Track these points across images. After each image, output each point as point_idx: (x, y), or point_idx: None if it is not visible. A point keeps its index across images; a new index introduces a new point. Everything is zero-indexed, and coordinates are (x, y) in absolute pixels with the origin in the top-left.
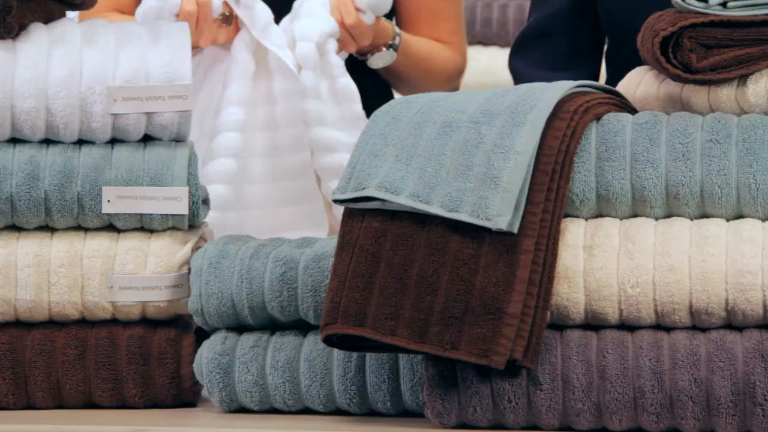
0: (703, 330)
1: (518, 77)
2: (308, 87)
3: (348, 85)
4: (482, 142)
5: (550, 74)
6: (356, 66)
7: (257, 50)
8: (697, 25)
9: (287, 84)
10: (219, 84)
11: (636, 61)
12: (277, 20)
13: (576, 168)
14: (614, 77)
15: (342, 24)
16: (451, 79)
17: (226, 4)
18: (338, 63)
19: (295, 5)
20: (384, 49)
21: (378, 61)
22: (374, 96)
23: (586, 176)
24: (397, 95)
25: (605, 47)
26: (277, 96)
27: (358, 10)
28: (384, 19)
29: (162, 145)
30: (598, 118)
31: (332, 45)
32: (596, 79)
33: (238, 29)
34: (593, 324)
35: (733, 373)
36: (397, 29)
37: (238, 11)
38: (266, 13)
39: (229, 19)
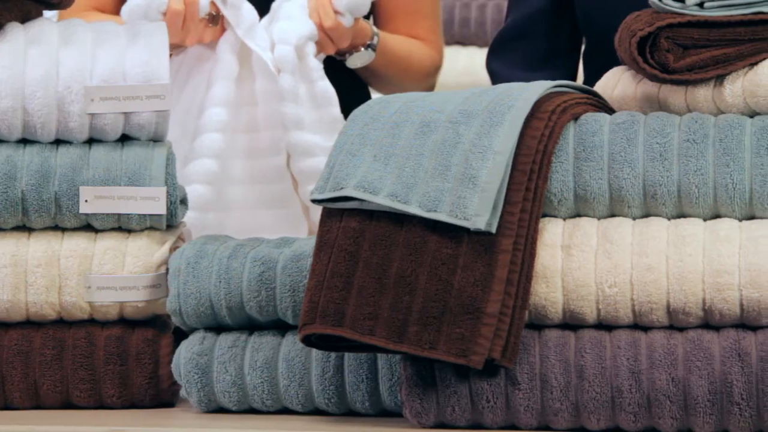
0: (681, 329)
1: (496, 78)
2: (286, 90)
3: (326, 88)
4: (460, 141)
5: (527, 74)
6: (333, 65)
7: (241, 51)
8: (674, 25)
9: (269, 86)
10: (203, 84)
11: (614, 62)
12: None
13: (554, 168)
14: (592, 77)
15: (320, 27)
16: (428, 77)
17: (213, 3)
18: (317, 66)
19: (273, 6)
20: (362, 49)
21: (356, 61)
22: (351, 94)
23: (564, 176)
24: (374, 93)
25: (582, 47)
26: (258, 98)
27: (336, 12)
28: (362, 19)
29: (140, 144)
30: (575, 118)
31: (311, 48)
32: (573, 79)
33: (223, 29)
34: (571, 323)
35: (711, 373)
36: (375, 29)
37: (225, 11)
38: (252, 13)
39: (216, 19)
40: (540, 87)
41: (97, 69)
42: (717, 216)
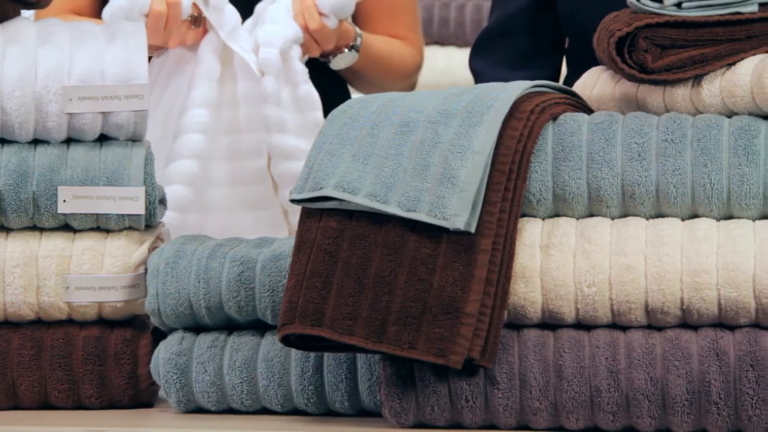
0: (659, 329)
1: (479, 77)
2: (269, 93)
3: (310, 92)
4: (439, 141)
5: (510, 73)
6: (315, 65)
7: (223, 53)
8: (652, 25)
9: (251, 88)
10: (184, 85)
11: (597, 61)
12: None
13: (533, 168)
14: (575, 76)
15: (306, 29)
16: (409, 76)
17: (195, 5)
18: (302, 70)
19: (258, 8)
20: (346, 50)
21: (340, 62)
22: (332, 95)
23: (543, 176)
24: (354, 93)
25: (565, 46)
26: (240, 100)
27: (321, 14)
28: (345, 21)
29: (118, 144)
30: (554, 118)
31: (296, 51)
32: (557, 78)
33: (205, 31)
34: (550, 323)
35: (689, 372)
36: (358, 30)
37: (207, 13)
38: (235, 15)
39: (198, 20)
40: (519, 87)
41: (76, 68)
42: (695, 216)
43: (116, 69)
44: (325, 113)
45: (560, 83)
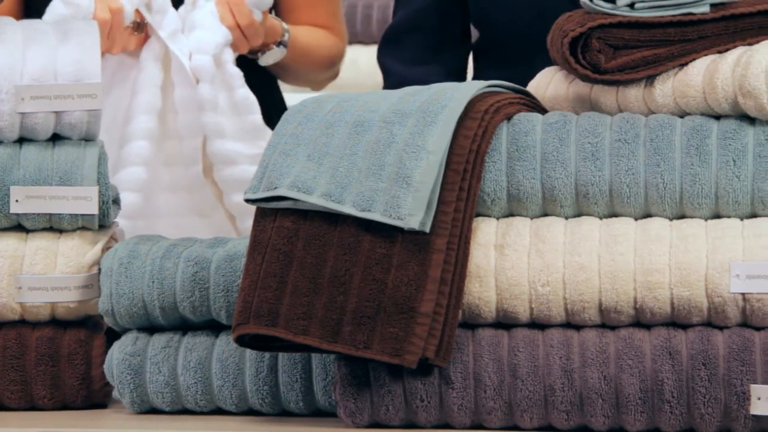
0: (613, 328)
1: (388, 73)
2: (205, 99)
3: (247, 96)
4: (394, 141)
5: (418, 68)
6: (243, 62)
7: (164, 59)
8: (605, 26)
9: (187, 95)
10: (127, 91)
11: (506, 54)
12: None
13: (487, 167)
14: (483, 70)
15: (236, 25)
16: (334, 65)
17: (137, 11)
18: (237, 74)
19: (181, 14)
20: (274, 47)
21: (269, 58)
22: (262, 90)
23: (497, 176)
24: (282, 85)
25: (473, 39)
26: (178, 107)
27: None
28: (272, 16)
29: (71, 144)
30: (508, 118)
31: (229, 55)
32: (464, 70)
33: (147, 37)
34: (504, 323)
35: (642, 371)
36: (285, 26)
37: (150, 18)
38: (176, 20)
39: (141, 26)
40: (473, 87)
41: (28, 68)
42: (648, 215)
43: (69, 68)
44: (262, 110)
45: (469, 76)
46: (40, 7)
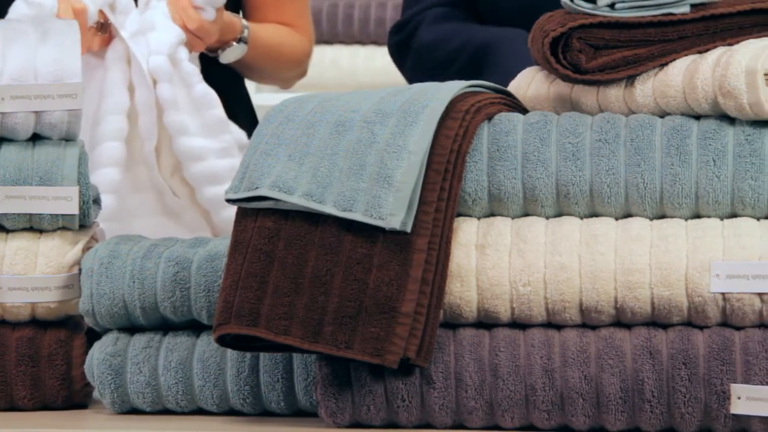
0: (593, 328)
1: (419, 39)
2: (165, 99)
3: (206, 91)
4: (375, 141)
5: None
6: (205, 59)
7: (129, 59)
8: (586, 26)
9: (147, 96)
10: (95, 92)
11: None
12: None
13: (468, 167)
14: None
15: (186, 29)
16: (301, 63)
17: (101, 12)
18: (193, 71)
19: (134, 16)
20: (234, 43)
21: (229, 56)
22: (226, 87)
23: (478, 176)
24: (249, 84)
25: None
26: (139, 108)
27: (197, 8)
28: (230, 13)
29: (51, 144)
30: (489, 118)
31: (183, 53)
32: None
33: (112, 37)
34: (486, 322)
35: (622, 370)
36: (244, 22)
37: (113, 19)
38: (137, 21)
39: (104, 27)
40: (454, 87)
41: (8, 67)
42: (628, 215)
43: (49, 68)
44: (224, 108)
45: None
46: (3, 7)
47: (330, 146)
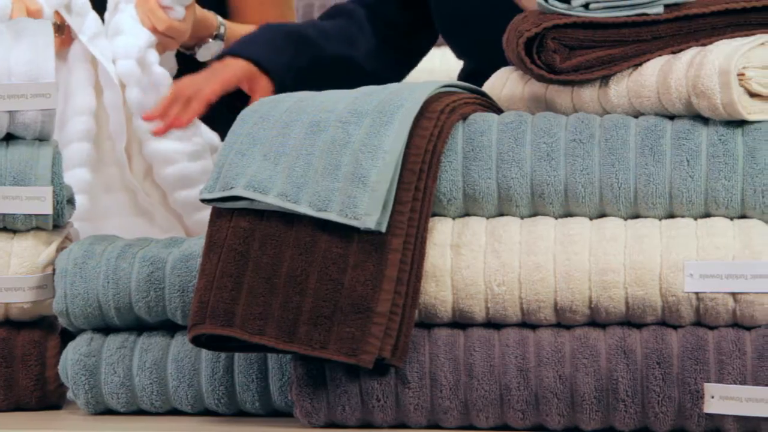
0: (568, 327)
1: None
2: (134, 103)
3: None
4: (350, 141)
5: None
6: (183, 59)
7: (93, 60)
8: (560, 26)
9: (115, 99)
10: (60, 94)
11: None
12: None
13: (443, 167)
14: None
15: (155, 31)
16: None
17: (57, 13)
18: (163, 74)
19: (106, 16)
20: (210, 40)
21: (206, 53)
22: None
23: (453, 175)
24: None
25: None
26: (108, 110)
27: (165, 8)
28: (205, 10)
29: (25, 144)
30: (464, 118)
31: (153, 57)
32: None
33: (71, 39)
34: (461, 322)
35: (597, 370)
36: (220, 19)
37: (70, 20)
38: (97, 23)
39: (61, 28)
40: (429, 87)
41: None
42: (603, 215)
43: (23, 67)
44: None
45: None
46: None
47: (305, 146)
